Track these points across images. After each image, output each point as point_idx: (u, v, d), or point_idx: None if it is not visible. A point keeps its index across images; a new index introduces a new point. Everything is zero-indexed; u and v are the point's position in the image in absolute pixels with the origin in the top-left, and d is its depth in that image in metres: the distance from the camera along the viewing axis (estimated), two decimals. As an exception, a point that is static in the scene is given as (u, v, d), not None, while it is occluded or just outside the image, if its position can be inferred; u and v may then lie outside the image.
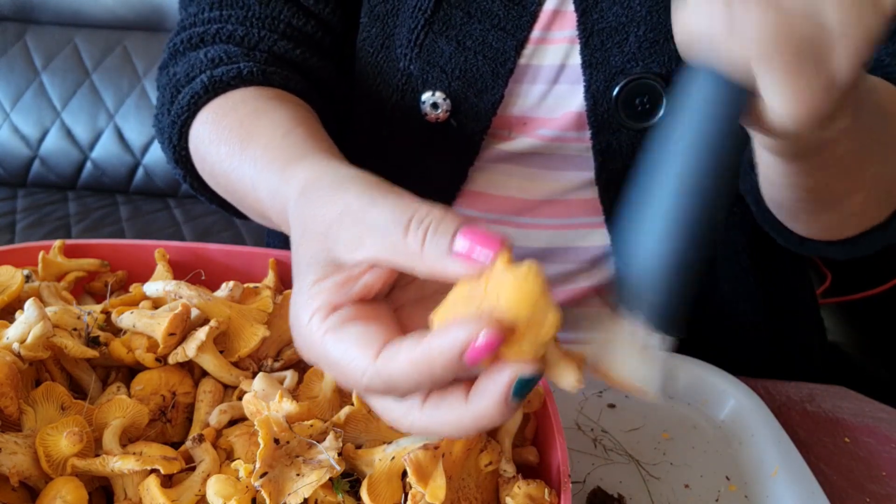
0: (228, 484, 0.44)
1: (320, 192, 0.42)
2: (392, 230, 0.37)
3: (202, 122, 0.63)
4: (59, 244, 0.61)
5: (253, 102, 0.61)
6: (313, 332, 0.38)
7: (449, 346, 0.34)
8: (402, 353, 0.35)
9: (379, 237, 0.37)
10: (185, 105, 0.64)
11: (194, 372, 0.53)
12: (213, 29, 0.69)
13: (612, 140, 0.70)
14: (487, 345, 0.34)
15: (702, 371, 0.68)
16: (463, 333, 0.34)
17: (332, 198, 0.41)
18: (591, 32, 0.68)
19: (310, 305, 0.39)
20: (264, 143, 0.53)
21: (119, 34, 1.84)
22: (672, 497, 0.57)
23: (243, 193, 0.56)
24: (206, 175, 0.64)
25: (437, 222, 0.37)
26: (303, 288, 0.40)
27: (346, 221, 0.39)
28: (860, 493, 0.60)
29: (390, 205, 0.38)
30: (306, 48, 0.71)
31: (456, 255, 0.36)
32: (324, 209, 0.40)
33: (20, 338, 0.48)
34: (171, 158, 0.68)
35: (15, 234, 1.65)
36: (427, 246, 0.36)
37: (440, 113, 0.70)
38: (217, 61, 0.65)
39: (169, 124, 0.66)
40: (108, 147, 1.83)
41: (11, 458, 0.44)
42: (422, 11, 0.69)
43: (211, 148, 0.60)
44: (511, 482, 0.47)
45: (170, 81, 0.67)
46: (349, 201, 0.39)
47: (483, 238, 0.36)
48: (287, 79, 0.65)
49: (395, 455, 0.45)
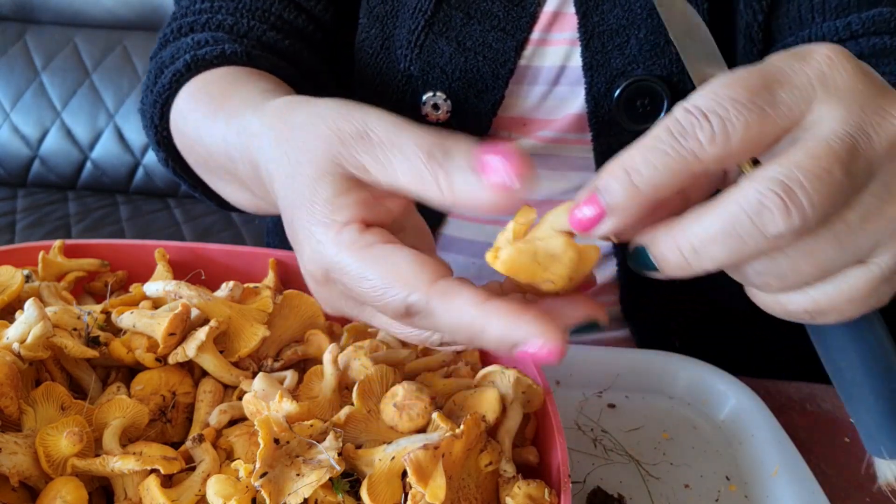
0: (228, 484, 0.44)
1: (324, 104, 0.39)
2: (423, 164, 0.35)
3: (182, 97, 0.62)
4: (59, 244, 0.61)
5: (235, 74, 0.59)
6: (348, 244, 0.36)
7: (508, 334, 0.33)
8: (464, 297, 0.34)
9: (407, 165, 0.36)
10: (166, 83, 0.63)
11: (194, 372, 0.53)
12: (203, 18, 0.69)
13: (613, 142, 0.70)
14: (546, 355, 0.33)
15: (702, 371, 0.68)
16: (526, 332, 0.33)
17: (347, 112, 0.38)
18: (592, 34, 0.68)
19: (334, 218, 0.36)
20: (239, 99, 0.51)
21: (119, 34, 1.84)
22: (672, 497, 0.57)
23: (215, 154, 0.53)
24: (187, 151, 0.62)
25: (465, 154, 0.35)
26: (316, 201, 0.37)
27: (369, 140, 0.37)
28: (860, 493, 0.60)
29: (416, 135, 0.36)
30: (296, 40, 0.70)
31: (487, 180, 0.34)
32: (336, 121, 0.38)
33: (20, 338, 0.48)
34: (153, 140, 0.67)
35: (15, 234, 1.65)
36: (456, 180, 0.35)
37: (440, 114, 0.70)
38: (202, 44, 0.65)
39: (151, 104, 0.65)
40: (108, 147, 1.83)
41: (11, 458, 0.44)
42: (422, 12, 0.69)
43: (189, 116, 0.58)
44: (511, 482, 0.47)
45: (155, 65, 0.67)
46: (370, 122, 0.37)
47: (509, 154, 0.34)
48: (274, 65, 0.64)
49: (395, 455, 0.45)
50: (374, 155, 0.36)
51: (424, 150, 0.36)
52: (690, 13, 0.44)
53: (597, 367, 0.68)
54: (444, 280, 0.35)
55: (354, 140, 0.37)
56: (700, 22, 0.44)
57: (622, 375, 0.67)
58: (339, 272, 0.37)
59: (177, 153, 0.66)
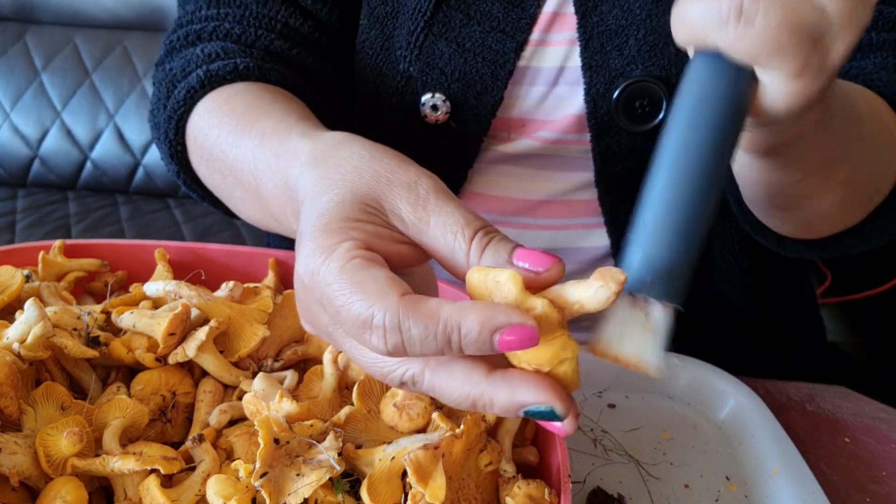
0: (228, 484, 0.44)
1: (384, 149, 0.41)
2: (457, 231, 0.38)
3: (200, 114, 0.62)
4: (59, 244, 0.61)
5: (252, 94, 0.60)
6: (337, 257, 0.36)
7: (488, 320, 0.34)
8: (433, 302, 0.35)
9: (441, 231, 0.38)
10: (181, 99, 0.63)
11: (194, 372, 0.53)
12: (210, 27, 0.69)
13: (612, 143, 0.70)
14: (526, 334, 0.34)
15: (702, 371, 0.67)
16: (505, 316, 0.34)
17: (405, 164, 0.40)
18: (591, 35, 0.68)
19: (340, 233, 0.37)
20: (276, 121, 0.52)
21: (119, 34, 1.84)
22: (672, 497, 0.57)
23: (239, 170, 0.54)
24: (203, 165, 0.63)
25: (500, 238, 0.38)
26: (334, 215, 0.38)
27: (416, 194, 0.39)
28: (860, 493, 0.60)
29: (459, 210, 0.38)
30: (303, 48, 0.70)
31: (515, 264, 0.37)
32: (391, 166, 0.40)
33: (20, 338, 0.48)
34: (167, 154, 0.67)
35: (15, 234, 1.65)
36: (486, 256, 0.37)
37: (440, 114, 0.70)
38: (213, 56, 0.65)
39: (165, 119, 0.65)
40: (108, 147, 1.83)
41: (11, 458, 0.44)
42: (421, 13, 0.69)
43: (211, 132, 0.59)
44: (511, 482, 0.47)
45: (165, 77, 0.67)
46: (423, 180, 0.39)
47: (539, 258, 0.36)
48: (283, 76, 0.65)
49: (395, 455, 0.45)
50: (416, 207, 0.38)
51: (462, 221, 0.38)
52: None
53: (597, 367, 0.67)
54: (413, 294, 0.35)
55: (403, 188, 0.39)
56: None
57: (622, 375, 0.67)
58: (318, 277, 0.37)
59: (189, 166, 0.66)
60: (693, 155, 0.40)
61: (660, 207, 0.40)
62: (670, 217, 0.40)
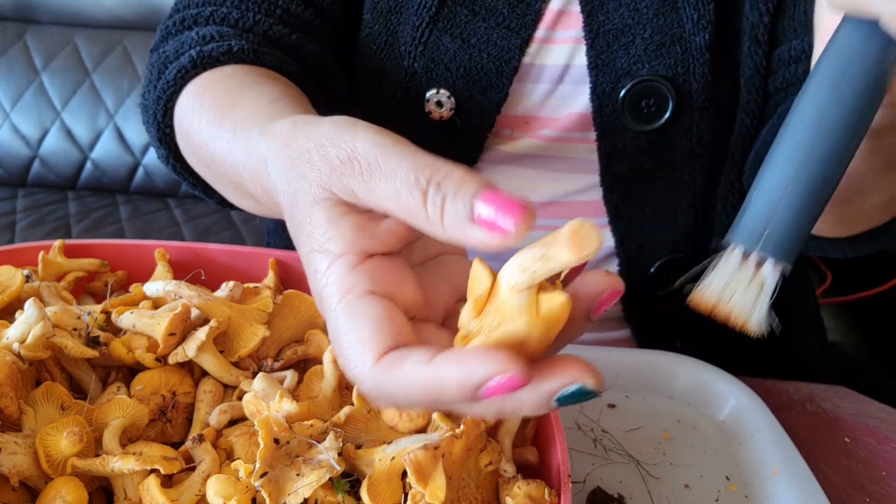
0: (228, 484, 0.44)
1: (321, 129, 0.38)
2: (410, 193, 0.34)
3: (187, 95, 0.60)
4: (59, 244, 0.61)
5: (241, 76, 0.58)
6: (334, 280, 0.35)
7: (466, 378, 0.31)
8: (408, 367, 0.32)
9: (394, 199, 0.34)
10: (171, 80, 0.61)
11: (194, 372, 0.53)
12: (207, 11, 0.67)
13: (618, 142, 0.70)
14: (511, 384, 0.31)
15: (702, 371, 0.68)
16: (484, 369, 0.31)
17: (337, 136, 0.36)
18: (598, 34, 0.67)
19: (328, 247, 0.35)
20: (246, 110, 0.50)
21: (119, 34, 1.84)
22: (672, 497, 0.57)
23: (220, 162, 0.52)
24: (189, 152, 0.61)
25: (457, 186, 0.33)
26: (312, 229, 0.36)
27: (356, 165, 0.35)
28: (860, 493, 0.60)
29: (404, 159, 0.35)
30: (302, 34, 0.69)
31: (478, 223, 0.33)
32: (326, 146, 0.36)
33: (20, 338, 0.48)
34: (155, 136, 0.65)
35: (15, 234, 1.65)
36: (447, 214, 0.33)
37: (444, 111, 0.70)
38: (208, 39, 0.63)
39: (154, 100, 0.63)
40: (108, 147, 1.83)
41: (11, 458, 0.44)
42: (426, 9, 0.68)
43: (193, 118, 0.57)
44: (511, 482, 0.47)
45: (158, 59, 0.65)
46: (357, 146, 0.36)
47: (505, 204, 0.32)
48: (280, 61, 0.63)
49: (395, 455, 0.45)
50: (361, 180, 0.35)
51: (411, 177, 0.34)
52: None
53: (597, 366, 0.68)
54: (391, 354, 0.33)
55: (343, 165, 0.36)
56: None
57: (622, 375, 0.67)
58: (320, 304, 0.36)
59: (178, 151, 0.65)
60: (831, 124, 0.39)
61: (790, 172, 0.40)
62: (800, 183, 0.39)
